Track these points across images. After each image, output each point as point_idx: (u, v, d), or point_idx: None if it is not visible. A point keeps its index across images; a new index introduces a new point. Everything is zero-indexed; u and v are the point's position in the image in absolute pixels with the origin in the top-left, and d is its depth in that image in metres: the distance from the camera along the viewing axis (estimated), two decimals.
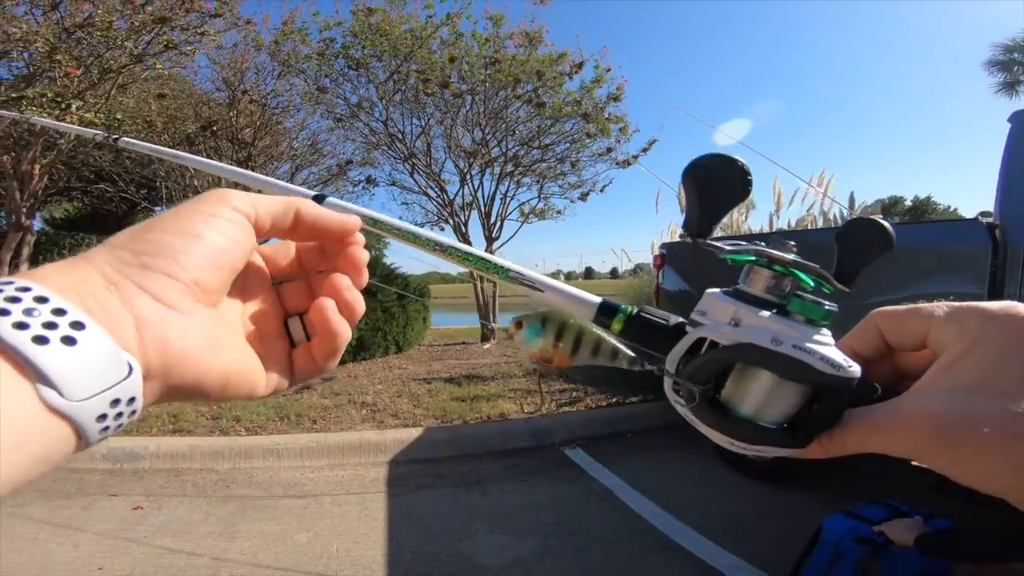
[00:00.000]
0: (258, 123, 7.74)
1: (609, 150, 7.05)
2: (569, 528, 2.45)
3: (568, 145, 7.02)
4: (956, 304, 0.27)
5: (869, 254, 0.31)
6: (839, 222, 6.33)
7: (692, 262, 3.76)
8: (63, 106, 4.59)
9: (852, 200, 7.12)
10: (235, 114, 7.56)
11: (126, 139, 0.87)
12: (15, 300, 0.21)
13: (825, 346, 0.26)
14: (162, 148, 0.78)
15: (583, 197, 7.55)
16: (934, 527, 1.66)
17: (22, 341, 0.20)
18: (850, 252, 0.31)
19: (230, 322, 0.31)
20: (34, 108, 4.36)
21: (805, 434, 0.27)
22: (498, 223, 7.43)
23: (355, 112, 7.08)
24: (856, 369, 0.26)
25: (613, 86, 6.55)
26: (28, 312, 0.21)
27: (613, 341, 0.32)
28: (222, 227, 0.29)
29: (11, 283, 0.22)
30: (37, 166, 5.50)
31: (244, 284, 0.33)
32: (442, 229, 8.04)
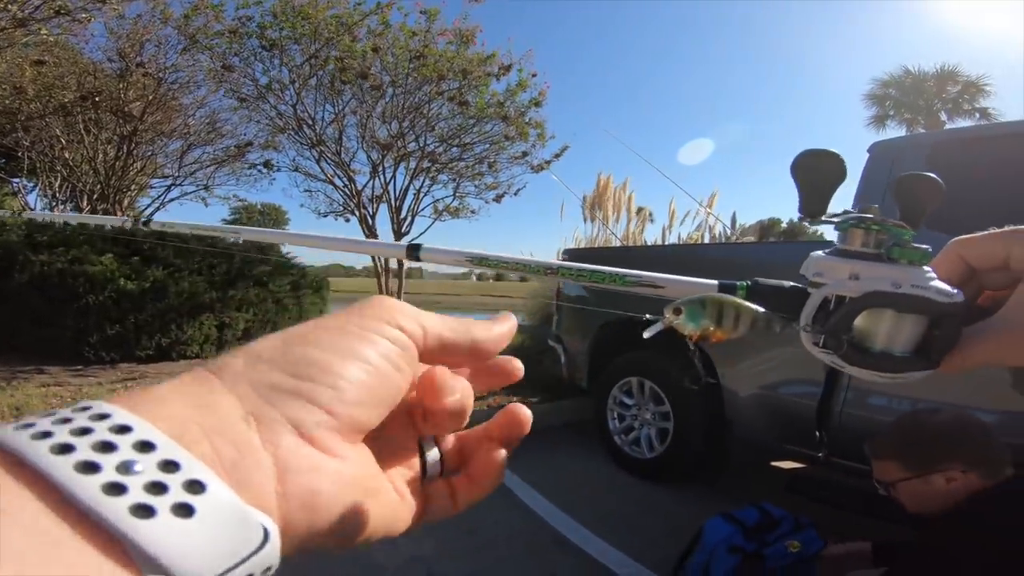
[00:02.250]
0: (150, 97, 7.02)
1: (525, 154, 7.19)
2: (468, 526, 2.43)
3: (488, 146, 7.06)
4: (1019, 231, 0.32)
5: (927, 204, 0.37)
6: (722, 238, 6.98)
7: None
8: None
9: (734, 219, 7.88)
10: (124, 86, 6.81)
11: (156, 220, 0.71)
12: (109, 448, 0.16)
13: (933, 280, 0.31)
14: (210, 224, 0.67)
15: (498, 199, 7.61)
16: (805, 533, 1.82)
17: (117, 512, 0.15)
18: (910, 204, 0.36)
19: (372, 460, 0.25)
20: None
21: (937, 356, 0.30)
22: (409, 218, 7.28)
23: (262, 93, 6.61)
24: (960, 295, 0.31)
25: (536, 91, 6.70)
26: (126, 467, 0.16)
27: (763, 311, 0.35)
28: (387, 351, 0.24)
29: (104, 415, 0.17)
30: None
31: None
32: (347, 220, 7.72)
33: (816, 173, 0.37)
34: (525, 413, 0.30)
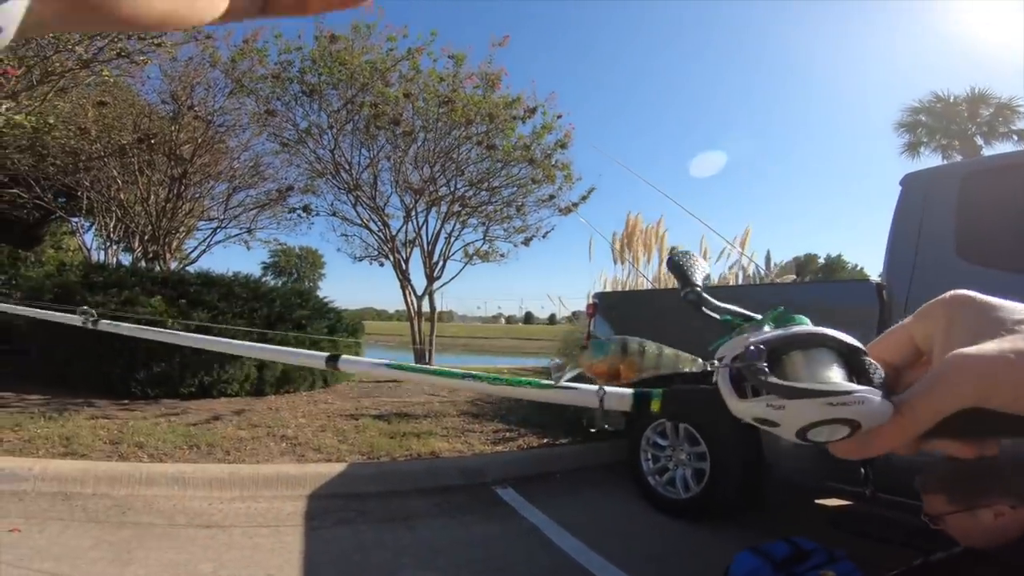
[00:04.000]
0: (200, 140, 7.46)
1: (552, 196, 7.33)
2: (497, 565, 2.39)
3: (515, 189, 7.24)
4: (914, 314, 0.33)
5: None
6: (756, 278, 6.84)
7: (620, 312, 3.93)
8: None
9: (768, 258, 7.75)
10: (177, 128, 7.26)
11: (106, 322, 0.78)
12: None
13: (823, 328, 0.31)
14: (147, 328, 0.75)
15: (526, 242, 7.75)
16: (840, 565, 1.75)
17: None
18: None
19: None
20: None
21: (867, 380, 0.29)
22: (441, 262, 7.45)
23: (303, 138, 7.00)
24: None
25: (561, 133, 6.90)
26: None
27: (673, 349, 0.35)
28: None
29: None
30: None
31: None
32: (381, 264, 7.95)
33: (681, 269, 0.43)
34: None
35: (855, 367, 0.29)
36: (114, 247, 9.08)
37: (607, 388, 0.37)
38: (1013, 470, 1.19)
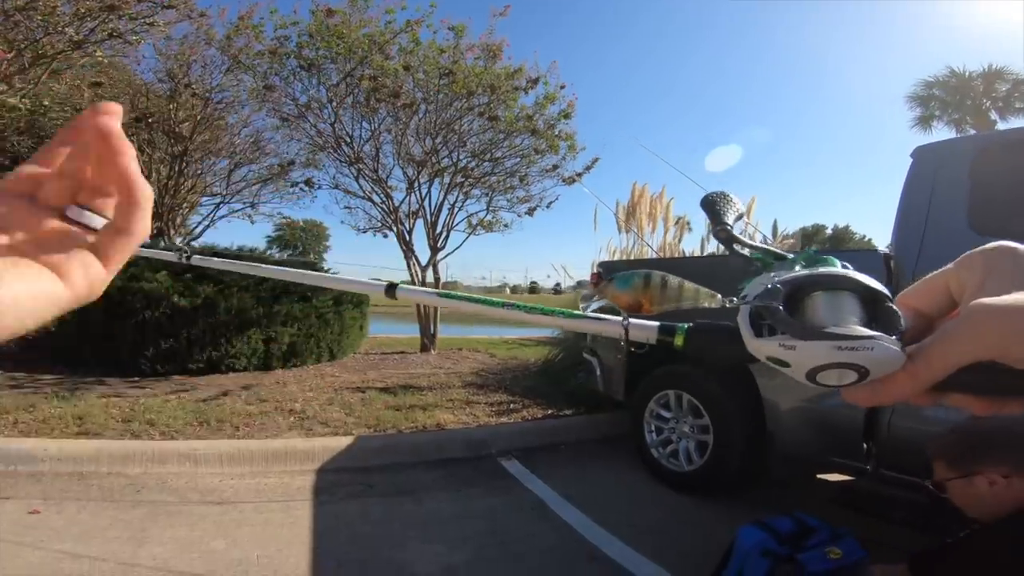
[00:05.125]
0: (198, 117, 7.38)
1: (555, 167, 7.21)
2: (502, 538, 2.44)
3: (518, 159, 7.13)
4: (954, 261, 0.32)
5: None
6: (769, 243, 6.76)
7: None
8: None
9: (775, 228, 7.67)
10: (175, 107, 7.18)
11: (198, 256, 0.81)
12: None
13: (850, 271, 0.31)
14: (236, 261, 0.76)
15: (531, 212, 7.67)
16: (844, 542, 1.77)
17: None
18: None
19: None
20: None
21: (888, 328, 0.28)
22: (444, 233, 7.40)
23: (303, 112, 6.88)
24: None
25: (564, 103, 6.74)
26: None
27: (695, 284, 0.35)
28: None
29: None
30: None
31: None
32: (385, 236, 7.91)
33: (714, 207, 0.43)
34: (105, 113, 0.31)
35: (877, 313, 0.29)
36: None
37: (632, 319, 0.36)
38: (1006, 439, 1.19)
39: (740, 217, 0.46)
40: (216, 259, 0.81)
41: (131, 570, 1.98)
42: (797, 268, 0.32)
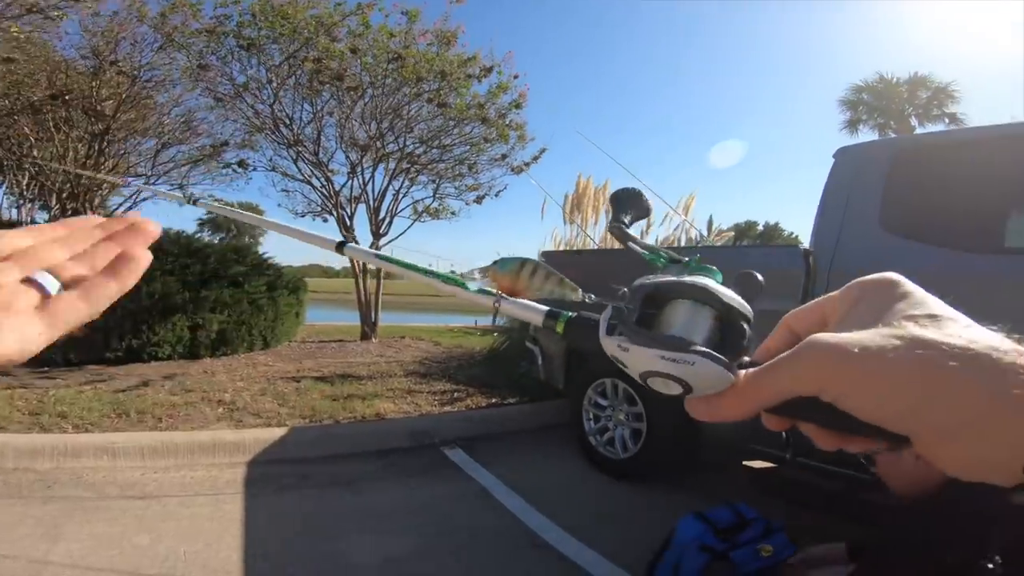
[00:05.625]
0: (124, 96, 6.86)
1: (504, 156, 7.20)
2: (445, 527, 2.44)
3: (467, 148, 7.05)
4: (845, 286, 0.31)
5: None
6: (698, 241, 7.10)
7: (567, 270, 3.97)
8: None
9: (710, 223, 8.01)
10: (98, 84, 6.64)
11: (203, 200, 0.87)
12: None
13: (723, 288, 0.31)
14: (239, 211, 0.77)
15: (479, 200, 7.62)
16: (775, 537, 1.84)
17: None
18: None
19: None
20: None
21: (729, 350, 0.28)
22: (388, 219, 7.23)
23: (239, 92, 6.51)
24: (749, 308, 0.30)
25: (516, 93, 6.72)
26: None
27: (561, 275, 0.38)
28: None
29: None
30: None
31: None
32: (325, 220, 7.65)
33: (617, 203, 0.47)
34: (152, 225, 0.36)
35: (727, 330, 0.29)
36: (29, 205, 8.39)
37: (518, 300, 0.40)
38: None
39: (641, 218, 0.48)
40: (215, 204, 0.86)
41: (44, 568, 1.84)
42: (671, 275, 0.32)
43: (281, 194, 7.86)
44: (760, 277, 0.39)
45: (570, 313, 0.36)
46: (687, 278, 0.31)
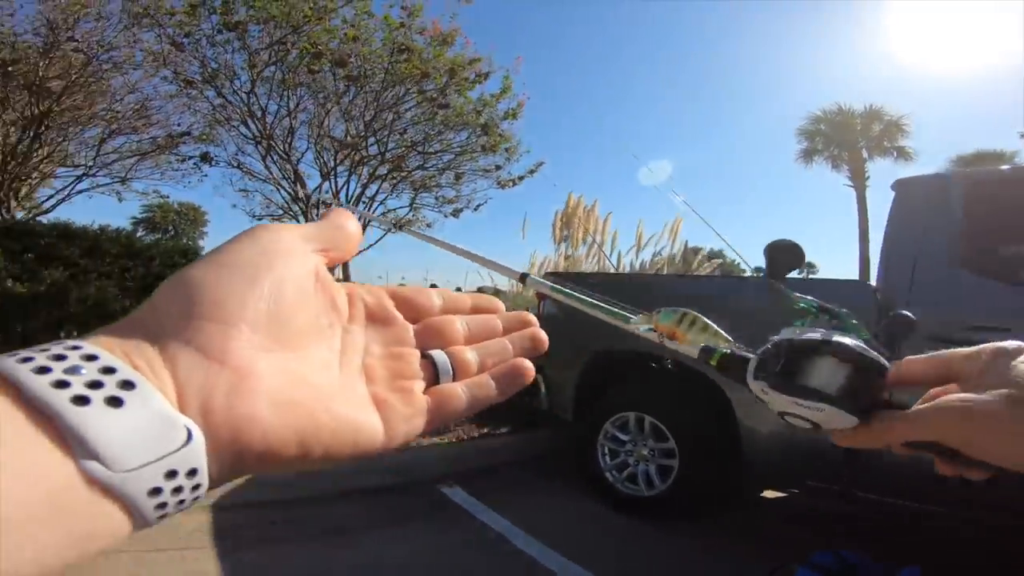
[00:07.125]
0: (75, 76, 6.14)
1: (498, 167, 6.87)
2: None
3: (453, 156, 6.69)
4: (973, 348, 0.35)
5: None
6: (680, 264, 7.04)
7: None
8: None
9: (685, 247, 7.88)
10: (47, 62, 5.94)
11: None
12: (61, 359, 0.19)
13: (862, 345, 0.35)
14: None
15: (455, 213, 7.25)
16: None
17: (59, 401, 0.18)
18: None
19: (323, 363, 0.26)
20: None
21: (860, 404, 0.34)
22: (363, 226, 6.77)
23: (210, 77, 5.92)
24: (884, 362, 0.35)
25: (514, 102, 6.45)
26: (73, 371, 0.19)
27: (718, 328, 0.41)
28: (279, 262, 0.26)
29: (63, 342, 0.20)
30: None
31: (366, 317, 0.30)
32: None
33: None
34: (543, 334, 0.35)
35: (863, 379, 0.34)
36: None
37: (667, 342, 0.43)
38: None
39: (796, 268, 0.65)
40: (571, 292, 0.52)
41: None
42: (818, 332, 0.36)
43: (238, 194, 7.24)
44: (912, 316, 0.44)
45: (725, 349, 0.40)
46: (834, 338, 0.35)
